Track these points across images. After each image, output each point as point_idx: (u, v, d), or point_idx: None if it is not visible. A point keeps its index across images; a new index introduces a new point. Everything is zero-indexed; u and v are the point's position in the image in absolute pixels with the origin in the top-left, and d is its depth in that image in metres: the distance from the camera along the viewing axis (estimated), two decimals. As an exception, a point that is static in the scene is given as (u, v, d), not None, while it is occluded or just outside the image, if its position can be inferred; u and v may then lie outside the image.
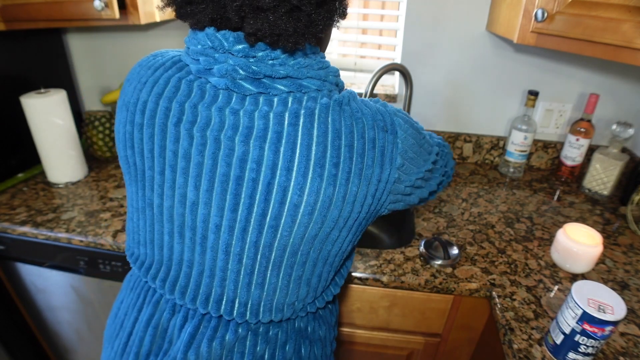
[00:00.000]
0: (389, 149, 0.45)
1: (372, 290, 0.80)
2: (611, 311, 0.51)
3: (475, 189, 1.08)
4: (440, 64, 1.12)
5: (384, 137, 0.45)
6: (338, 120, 0.43)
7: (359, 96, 0.51)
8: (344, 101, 0.45)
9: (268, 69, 0.42)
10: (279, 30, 0.39)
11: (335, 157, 0.42)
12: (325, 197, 0.43)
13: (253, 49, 0.42)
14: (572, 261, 0.75)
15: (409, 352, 0.90)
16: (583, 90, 1.10)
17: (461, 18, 1.05)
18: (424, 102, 1.18)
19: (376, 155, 0.45)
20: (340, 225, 0.46)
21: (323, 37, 0.49)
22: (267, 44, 0.42)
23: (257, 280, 0.47)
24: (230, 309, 0.48)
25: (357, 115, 0.44)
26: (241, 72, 0.42)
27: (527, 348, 0.61)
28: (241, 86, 0.43)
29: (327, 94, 0.45)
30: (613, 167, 0.99)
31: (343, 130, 0.43)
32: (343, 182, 0.43)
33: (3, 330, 1.08)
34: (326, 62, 0.47)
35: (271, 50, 0.42)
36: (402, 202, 0.51)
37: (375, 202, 0.47)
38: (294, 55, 0.44)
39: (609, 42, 0.64)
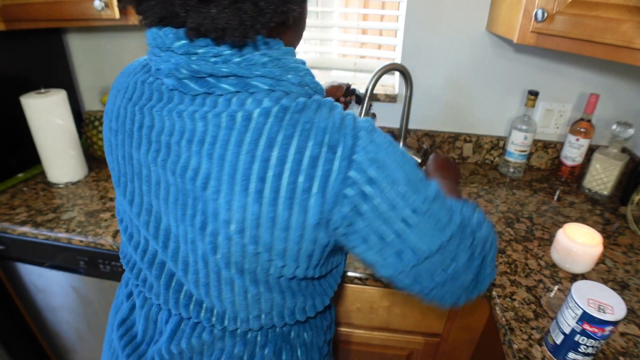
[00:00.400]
0: (335, 176, 0.37)
1: (372, 290, 0.80)
2: (611, 311, 0.51)
3: (475, 189, 1.08)
4: (440, 64, 1.12)
5: (332, 158, 0.37)
6: (276, 129, 0.37)
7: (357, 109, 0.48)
8: (295, 108, 0.38)
9: (209, 67, 0.38)
10: (223, 24, 0.35)
11: (262, 170, 0.37)
12: (252, 215, 0.38)
13: (193, 46, 0.38)
14: (572, 261, 0.75)
15: (409, 352, 0.90)
16: (583, 90, 1.10)
17: (461, 18, 1.05)
18: (424, 102, 1.18)
19: (316, 179, 0.37)
20: (280, 253, 0.40)
21: (288, 31, 0.44)
22: (213, 39, 0.38)
23: (213, 293, 0.45)
24: (197, 313, 0.47)
25: (305, 126, 0.37)
26: (183, 71, 0.39)
27: (527, 348, 0.61)
28: (187, 86, 0.40)
29: (280, 96, 0.39)
30: (613, 167, 0.99)
31: (278, 140, 0.37)
32: (270, 201, 0.37)
33: (3, 330, 1.08)
34: (287, 59, 0.41)
35: (213, 46, 0.38)
36: (390, 267, 0.41)
37: (326, 238, 0.40)
38: (243, 51, 0.39)
39: (609, 42, 0.64)
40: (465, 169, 1.19)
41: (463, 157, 1.23)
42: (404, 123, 1.11)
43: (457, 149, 1.23)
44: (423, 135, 1.22)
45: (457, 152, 1.23)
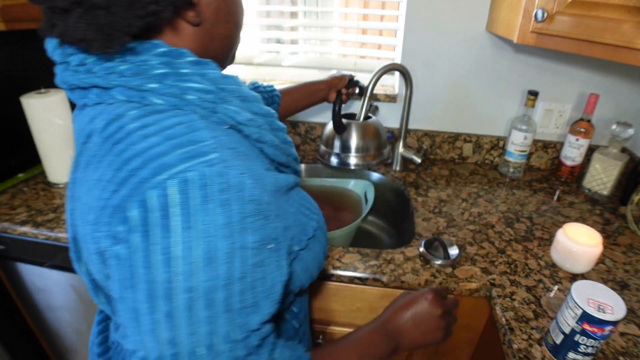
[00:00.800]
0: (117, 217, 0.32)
1: (372, 290, 0.80)
2: (611, 311, 0.51)
3: (475, 189, 1.08)
4: (440, 64, 1.12)
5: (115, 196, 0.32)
6: (97, 148, 0.35)
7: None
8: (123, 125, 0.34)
9: (75, 78, 0.36)
10: (80, 35, 0.33)
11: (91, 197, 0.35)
12: (95, 248, 0.35)
13: (65, 56, 0.36)
14: (572, 261, 0.75)
15: (409, 352, 0.90)
16: (583, 90, 1.10)
17: (461, 18, 1.05)
18: (423, 102, 1.18)
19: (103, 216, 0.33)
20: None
21: (181, 32, 0.39)
22: (80, 49, 0.36)
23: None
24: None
25: (120, 147, 0.33)
26: (62, 83, 0.38)
27: (527, 348, 0.61)
28: (72, 97, 0.38)
29: (134, 108, 0.35)
30: (613, 167, 0.99)
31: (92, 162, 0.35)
32: (90, 231, 0.35)
33: (3, 330, 1.08)
34: (149, 66, 0.36)
35: (79, 55, 0.36)
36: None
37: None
38: (105, 59, 0.36)
39: (609, 42, 0.64)
40: (465, 169, 1.19)
41: (463, 157, 1.24)
42: (404, 123, 1.11)
43: (457, 149, 1.23)
44: (423, 135, 1.22)
45: (457, 152, 1.23)
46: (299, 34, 1.28)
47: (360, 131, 0.93)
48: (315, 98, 0.91)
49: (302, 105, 0.91)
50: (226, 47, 0.45)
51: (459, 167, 1.20)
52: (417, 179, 1.12)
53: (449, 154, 1.24)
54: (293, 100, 0.88)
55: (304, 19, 1.25)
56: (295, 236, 0.43)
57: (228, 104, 0.38)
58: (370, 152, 0.94)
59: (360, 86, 0.94)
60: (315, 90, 0.90)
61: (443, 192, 1.06)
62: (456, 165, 1.22)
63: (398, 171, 1.16)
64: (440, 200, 1.02)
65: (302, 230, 0.44)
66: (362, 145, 0.93)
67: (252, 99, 0.42)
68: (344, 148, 0.93)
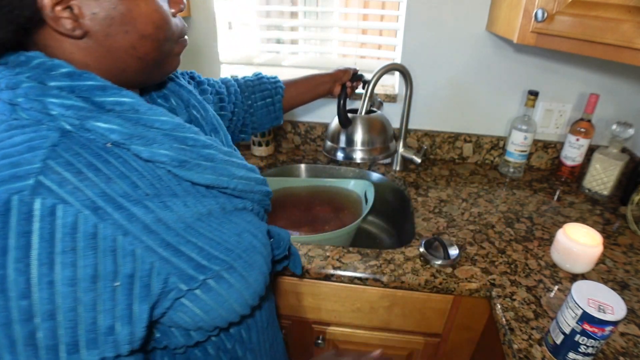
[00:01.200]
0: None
1: (372, 290, 0.80)
2: (611, 311, 0.51)
3: (475, 189, 1.08)
4: (440, 64, 1.12)
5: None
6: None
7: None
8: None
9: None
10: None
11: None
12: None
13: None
14: (572, 261, 0.75)
15: (409, 352, 0.90)
16: (583, 90, 1.10)
17: (461, 18, 1.05)
18: (424, 102, 1.18)
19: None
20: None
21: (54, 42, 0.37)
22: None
23: None
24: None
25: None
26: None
27: (527, 348, 0.61)
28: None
29: (1, 122, 0.35)
30: (613, 167, 0.99)
31: None
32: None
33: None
34: (19, 80, 0.35)
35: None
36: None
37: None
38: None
39: (609, 42, 0.64)
40: (465, 169, 1.19)
41: (463, 157, 1.24)
42: (404, 123, 1.11)
43: (457, 149, 1.23)
44: (423, 135, 1.22)
45: (457, 152, 1.23)
46: (299, 34, 1.28)
47: (366, 125, 0.92)
48: (319, 91, 0.90)
49: (307, 98, 0.90)
50: (137, 59, 0.40)
51: (459, 167, 1.20)
52: (417, 179, 1.12)
53: (449, 154, 1.24)
54: (298, 92, 0.87)
55: (304, 19, 1.25)
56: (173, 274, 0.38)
57: (97, 121, 0.35)
58: (376, 145, 0.93)
59: (364, 81, 0.94)
60: (320, 83, 0.89)
61: (443, 192, 1.06)
62: (456, 165, 1.22)
63: (398, 171, 1.16)
64: (441, 200, 1.02)
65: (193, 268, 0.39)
66: (368, 139, 0.92)
67: (148, 112, 0.39)
68: (350, 142, 0.92)
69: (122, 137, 0.36)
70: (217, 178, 0.44)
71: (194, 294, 0.40)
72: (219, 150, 0.45)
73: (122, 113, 0.37)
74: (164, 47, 0.42)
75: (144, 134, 0.38)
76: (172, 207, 0.39)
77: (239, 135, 0.80)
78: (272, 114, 0.82)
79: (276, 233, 0.62)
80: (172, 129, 0.40)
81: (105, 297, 0.33)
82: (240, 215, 0.47)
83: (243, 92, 0.78)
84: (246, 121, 0.79)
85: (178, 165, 0.40)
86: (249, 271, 0.45)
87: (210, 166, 0.43)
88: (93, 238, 0.32)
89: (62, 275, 0.31)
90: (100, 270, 0.33)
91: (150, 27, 0.39)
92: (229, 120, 0.74)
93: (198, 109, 0.53)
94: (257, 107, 0.80)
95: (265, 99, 0.80)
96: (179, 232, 0.39)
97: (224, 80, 0.76)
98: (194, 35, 1.17)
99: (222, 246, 0.42)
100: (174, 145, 0.40)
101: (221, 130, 0.55)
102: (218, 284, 0.41)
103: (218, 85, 0.72)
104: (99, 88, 0.36)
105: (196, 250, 0.40)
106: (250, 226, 0.47)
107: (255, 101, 0.79)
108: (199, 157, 0.42)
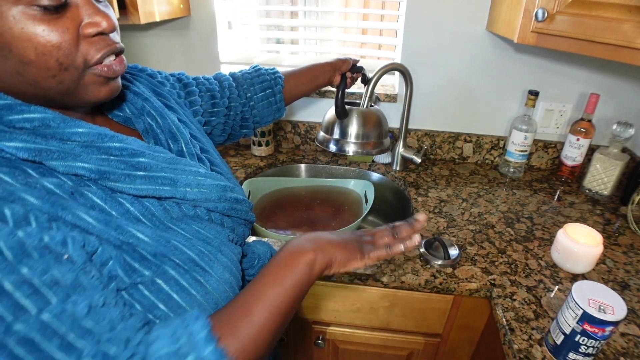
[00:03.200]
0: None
1: (372, 290, 0.80)
2: (611, 311, 0.51)
3: (476, 189, 1.08)
4: (441, 64, 1.12)
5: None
6: None
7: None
8: None
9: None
10: None
11: None
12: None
13: None
14: (573, 261, 0.74)
15: (409, 352, 0.90)
16: (583, 90, 1.10)
17: (461, 18, 1.05)
18: (424, 102, 1.18)
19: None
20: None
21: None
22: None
23: None
24: None
25: None
26: None
27: (528, 348, 0.61)
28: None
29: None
30: (613, 167, 0.99)
31: None
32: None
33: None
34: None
35: None
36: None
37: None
38: None
39: (610, 41, 0.64)
40: (465, 169, 1.19)
41: (463, 157, 1.23)
42: (404, 123, 1.11)
43: (457, 149, 1.23)
44: (423, 135, 1.22)
45: (457, 152, 1.23)
46: (299, 34, 1.28)
47: (362, 119, 0.90)
48: (320, 80, 0.88)
49: (307, 89, 0.88)
50: (29, 85, 0.36)
51: (459, 167, 1.20)
52: (417, 179, 1.12)
53: (449, 154, 1.24)
54: (298, 83, 0.85)
55: (304, 19, 1.25)
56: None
57: (3, 140, 0.35)
58: (371, 140, 0.92)
59: (364, 73, 0.93)
60: (320, 73, 0.87)
61: (443, 192, 1.06)
62: (456, 165, 1.22)
63: (398, 171, 1.16)
64: (441, 200, 1.02)
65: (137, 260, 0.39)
66: (363, 132, 0.90)
67: (61, 126, 0.37)
68: (344, 134, 0.91)
69: (31, 154, 0.35)
70: (155, 188, 0.42)
71: (139, 289, 0.38)
72: (156, 158, 0.43)
73: (35, 130, 0.36)
74: (63, 75, 0.36)
75: (57, 148, 0.36)
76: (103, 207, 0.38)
77: (240, 131, 0.78)
78: (273, 105, 0.81)
79: (251, 251, 0.60)
80: (91, 140, 0.39)
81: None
82: (193, 221, 0.46)
83: (241, 86, 0.76)
84: (246, 115, 0.77)
85: (99, 177, 0.38)
86: (204, 276, 0.43)
87: (142, 175, 0.41)
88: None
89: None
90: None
91: (31, 53, 0.34)
92: (225, 116, 0.72)
93: (154, 116, 0.51)
94: (257, 100, 0.78)
95: (265, 90, 0.79)
96: (120, 224, 0.38)
97: (217, 76, 0.74)
98: (194, 35, 1.17)
99: (170, 244, 0.41)
100: (94, 157, 0.38)
101: (182, 138, 0.52)
102: (167, 284, 0.40)
103: (209, 82, 0.70)
104: (6, 107, 0.36)
105: (142, 244, 0.39)
106: (207, 231, 0.46)
107: (254, 93, 0.77)
108: (127, 166, 0.40)
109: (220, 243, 0.48)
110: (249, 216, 0.56)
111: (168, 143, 0.51)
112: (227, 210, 0.51)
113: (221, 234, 0.49)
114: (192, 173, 0.47)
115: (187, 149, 0.52)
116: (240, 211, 0.53)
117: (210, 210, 0.49)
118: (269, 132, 1.21)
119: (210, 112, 0.69)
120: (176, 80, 0.65)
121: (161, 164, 0.43)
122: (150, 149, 0.44)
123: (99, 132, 0.40)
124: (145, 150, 0.43)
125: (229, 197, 0.51)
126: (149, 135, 0.50)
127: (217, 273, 0.45)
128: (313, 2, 1.23)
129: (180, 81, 0.65)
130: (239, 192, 0.54)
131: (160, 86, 0.59)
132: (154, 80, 0.59)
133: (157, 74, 0.61)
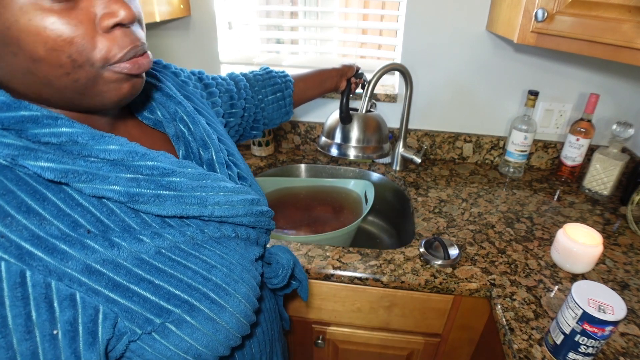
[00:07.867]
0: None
1: (372, 290, 0.80)
2: (611, 311, 0.51)
3: (475, 189, 1.08)
4: (440, 64, 1.12)
5: None
6: None
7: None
8: None
9: None
10: None
11: None
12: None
13: None
14: (573, 261, 0.75)
15: (409, 352, 0.90)
16: (583, 90, 1.10)
17: (461, 18, 1.05)
18: (424, 102, 1.18)
19: None
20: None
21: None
22: None
23: None
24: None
25: None
26: None
27: (527, 348, 0.61)
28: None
29: None
30: (613, 167, 0.99)
31: None
32: None
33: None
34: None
35: None
36: None
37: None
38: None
39: (609, 42, 0.64)
40: (465, 169, 1.19)
41: (463, 157, 1.23)
42: (404, 123, 1.11)
43: (457, 149, 1.23)
44: (423, 135, 1.22)
45: (457, 152, 1.23)
46: (299, 34, 1.28)
47: (362, 123, 0.92)
48: (326, 86, 0.89)
49: (314, 94, 0.88)
50: (43, 85, 0.33)
51: (459, 167, 1.20)
52: (417, 179, 1.12)
53: (449, 154, 1.24)
54: (306, 87, 0.85)
55: (304, 19, 1.25)
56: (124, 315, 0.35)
57: (28, 159, 0.32)
58: (371, 144, 0.93)
59: (364, 80, 0.94)
60: (327, 78, 0.88)
61: (443, 192, 1.06)
62: (456, 165, 1.22)
63: (398, 171, 1.16)
64: (440, 200, 1.02)
65: (148, 309, 0.36)
66: (363, 137, 0.92)
67: (90, 143, 0.35)
68: (345, 139, 0.92)
69: (57, 176, 0.33)
70: (183, 208, 0.39)
71: (152, 337, 0.36)
72: (187, 176, 0.41)
73: (61, 146, 0.34)
74: (77, 73, 0.33)
75: (84, 169, 0.34)
76: (121, 244, 0.35)
77: (250, 132, 0.78)
78: (283, 108, 0.81)
79: (275, 260, 0.59)
80: (121, 158, 0.36)
81: (46, 346, 0.30)
82: (218, 244, 0.43)
83: (253, 87, 0.75)
84: (257, 117, 0.77)
85: (128, 200, 0.36)
86: (219, 313, 0.40)
87: (172, 196, 0.39)
88: (21, 286, 0.30)
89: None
90: (35, 319, 0.30)
91: (40, 49, 0.31)
92: (241, 117, 0.71)
93: (186, 122, 0.48)
94: (268, 102, 0.78)
95: (275, 93, 0.78)
96: (131, 270, 0.35)
97: (232, 76, 0.73)
98: (194, 35, 1.17)
99: (183, 283, 0.38)
100: (123, 176, 0.36)
101: (212, 146, 0.50)
102: (179, 328, 0.38)
103: (227, 83, 0.69)
104: (31, 120, 0.33)
105: (151, 289, 0.36)
106: (231, 256, 0.44)
107: (266, 95, 0.77)
108: (157, 187, 0.38)
109: (243, 270, 0.45)
110: (270, 225, 0.55)
111: (199, 151, 0.49)
112: (252, 223, 0.49)
113: (245, 257, 0.47)
114: (221, 189, 0.44)
115: (217, 157, 0.50)
116: (264, 222, 0.52)
117: (236, 225, 0.47)
118: (269, 132, 1.22)
119: (229, 112, 0.68)
120: (197, 79, 0.63)
121: (192, 183, 0.41)
122: (181, 166, 0.41)
123: (130, 150, 0.37)
124: (176, 169, 0.40)
125: (255, 211, 0.49)
126: (179, 141, 0.48)
127: (233, 306, 0.42)
128: (313, 2, 1.23)
129: (201, 81, 0.64)
130: (263, 204, 0.52)
131: (184, 86, 0.57)
132: (178, 79, 0.57)
133: (180, 72, 0.58)
